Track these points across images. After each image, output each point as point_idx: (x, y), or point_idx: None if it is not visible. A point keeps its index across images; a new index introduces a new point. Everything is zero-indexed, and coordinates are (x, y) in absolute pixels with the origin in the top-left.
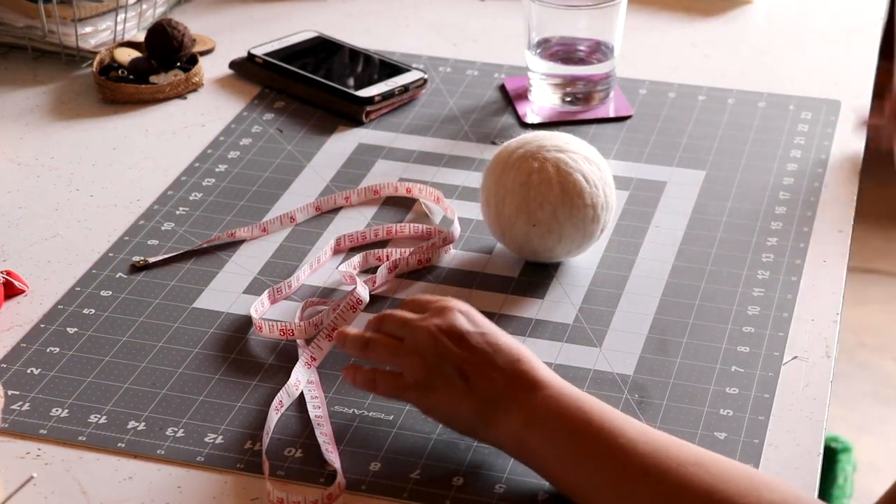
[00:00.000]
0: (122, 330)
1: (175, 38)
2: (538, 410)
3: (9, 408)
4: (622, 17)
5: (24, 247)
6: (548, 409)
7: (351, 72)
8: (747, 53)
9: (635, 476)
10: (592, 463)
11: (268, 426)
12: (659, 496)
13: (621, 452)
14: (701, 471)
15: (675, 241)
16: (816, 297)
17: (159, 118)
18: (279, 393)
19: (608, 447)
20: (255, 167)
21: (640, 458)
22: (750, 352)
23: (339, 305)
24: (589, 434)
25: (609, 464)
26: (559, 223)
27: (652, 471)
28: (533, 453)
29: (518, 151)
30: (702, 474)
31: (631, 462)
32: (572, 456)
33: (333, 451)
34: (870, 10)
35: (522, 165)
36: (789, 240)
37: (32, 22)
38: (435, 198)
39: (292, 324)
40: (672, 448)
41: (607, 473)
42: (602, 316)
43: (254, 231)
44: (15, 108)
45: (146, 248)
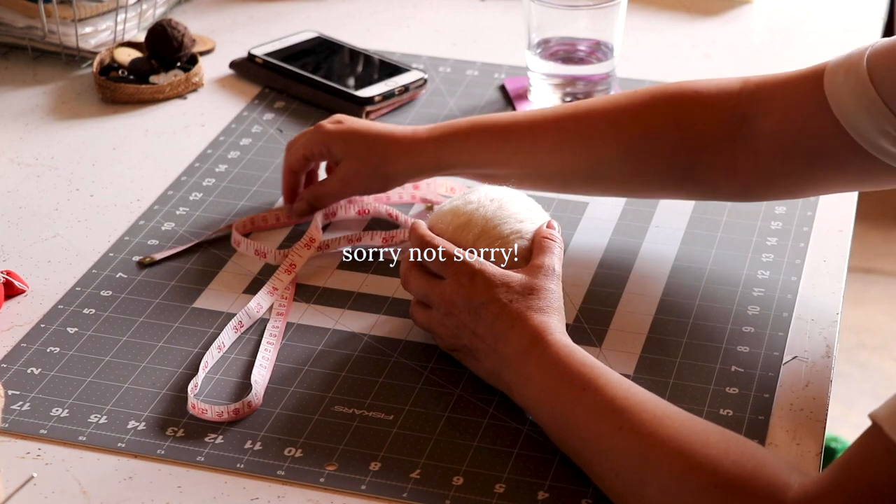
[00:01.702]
0: (122, 330)
1: (175, 39)
2: (534, 370)
3: (9, 408)
4: (622, 17)
5: (24, 247)
6: (542, 367)
7: (351, 72)
8: (747, 53)
9: (611, 429)
10: (579, 418)
11: (220, 341)
12: (632, 445)
13: (602, 406)
14: (675, 423)
15: (675, 241)
16: (816, 297)
17: (159, 118)
18: (238, 314)
19: (593, 402)
20: (255, 167)
21: (618, 413)
22: (750, 351)
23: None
24: (577, 390)
25: (591, 417)
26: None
27: (626, 424)
28: (528, 407)
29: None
30: (675, 426)
31: (610, 416)
32: (555, 405)
33: (265, 373)
34: (870, 10)
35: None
36: (789, 240)
37: (33, 22)
38: (448, 188)
39: (265, 247)
40: (650, 404)
41: (590, 430)
42: (602, 316)
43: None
44: (15, 108)
45: (146, 248)
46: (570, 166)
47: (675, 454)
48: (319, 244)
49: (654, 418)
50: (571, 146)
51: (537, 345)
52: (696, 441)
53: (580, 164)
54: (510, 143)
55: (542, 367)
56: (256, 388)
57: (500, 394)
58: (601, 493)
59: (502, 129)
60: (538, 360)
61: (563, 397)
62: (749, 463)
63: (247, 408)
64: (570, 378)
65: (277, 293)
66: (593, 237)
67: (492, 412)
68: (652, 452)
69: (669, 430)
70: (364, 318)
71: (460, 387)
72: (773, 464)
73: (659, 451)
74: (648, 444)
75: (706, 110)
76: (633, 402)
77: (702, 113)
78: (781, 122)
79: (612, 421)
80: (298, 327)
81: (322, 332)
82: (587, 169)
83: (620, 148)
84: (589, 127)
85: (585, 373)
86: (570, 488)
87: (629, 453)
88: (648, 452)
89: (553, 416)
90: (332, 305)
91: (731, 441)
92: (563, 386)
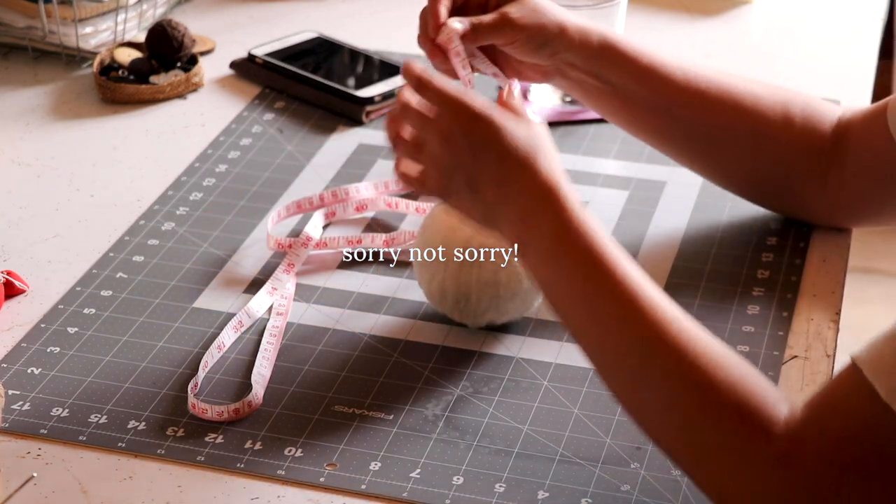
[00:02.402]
0: (123, 330)
1: (175, 39)
2: (545, 226)
3: (9, 407)
4: (622, 17)
5: (25, 247)
6: (553, 226)
7: (351, 72)
8: (747, 53)
9: (617, 317)
10: (580, 294)
11: (220, 341)
12: (635, 343)
13: (610, 289)
14: (678, 331)
15: (675, 241)
16: (816, 297)
17: (159, 118)
18: (238, 314)
19: (603, 281)
20: (256, 167)
21: (626, 302)
22: (750, 351)
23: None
24: (580, 264)
25: (596, 302)
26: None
27: (631, 318)
28: (529, 266)
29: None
30: (678, 335)
31: (617, 301)
32: (559, 278)
33: (265, 373)
34: (870, 10)
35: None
36: (789, 239)
37: (33, 22)
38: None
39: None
40: (657, 301)
41: (596, 313)
42: None
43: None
44: (15, 108)
45: (147, 248)
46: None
47: (674, 364)
48: (317, 242)
49: (661, 319)
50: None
51: (550, 199)
52: (697, 356)
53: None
54: (660, 80)
55: (554, 225)
56: (256, 387)
57: (500, 393)
58: (601, 494)
59: (647, 78)
60: (551, 217)
61: (571, 267)
62: (744, 388)
63: (247, 407)
64: (582, 248)
65: (277, 292)
66: None
67: (492, 412)
68: (653, 356)
69: (673, 336)
70: (364, 318)
71: (460, 387)
72: (765, 392)
73: (660, 358)
74: (651, 345)
75: (819, 128)
76: (643, 297)
77: (814, 132)
78: (861, 153)
79: (619, 309)
80: (298, 327)
81: (322, 332)
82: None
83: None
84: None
85: (598, 248)
86: (570, 488)
87: (631, 349)
88: (649, 355)
89: (556, 283)
90: (332, 305)
91: (730, 362)
92: (573, 254)
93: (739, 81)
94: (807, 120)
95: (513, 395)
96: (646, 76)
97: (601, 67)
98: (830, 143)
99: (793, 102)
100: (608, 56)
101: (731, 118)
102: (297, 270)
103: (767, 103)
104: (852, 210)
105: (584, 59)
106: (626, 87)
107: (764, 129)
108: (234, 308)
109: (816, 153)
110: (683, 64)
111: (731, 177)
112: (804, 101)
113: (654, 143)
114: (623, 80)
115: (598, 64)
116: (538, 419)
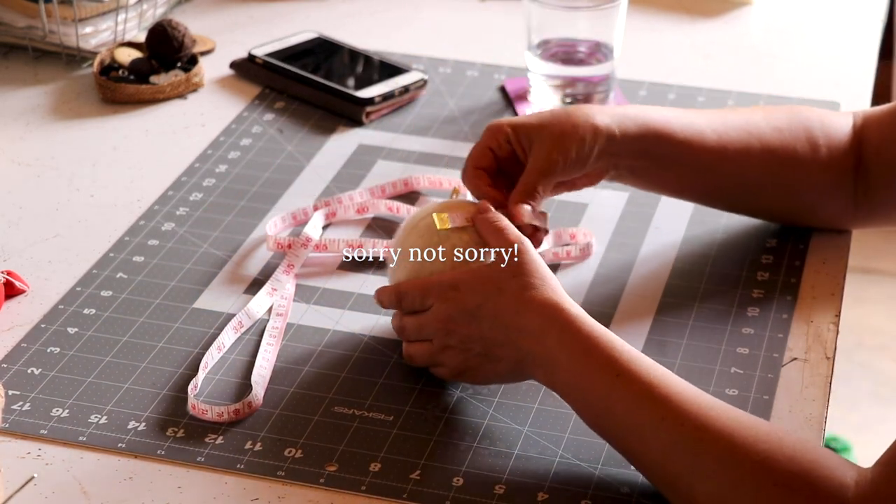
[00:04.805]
0: (123, 330)
1: (175, 39)
2: (558, 353)
3: (9, 408)
4: (622, 19)
5: (25, 247)
6: (567, 350)
7: (351, 72)
8: (747, 54)
9: (653, 420)
10: (616, 406)
11: (220, 341)
12: (679, 441)
13: (641, 395)
14: (721, 416)
15: (675, 241)
16: (816, 299)
17: (159, 118)
18: (238, 314)
19: (630, 390)
20: (256, 167)
21: (659, 402)
22: (749, 353)
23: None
24: (611, 375)
25: (630, 406)
26: None
27: (669, 415)
28: (560, 393)
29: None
30: (721, 419)
31: (651, 405)
32: (594, 398)
33: (265, 373)
34: (870, 10)
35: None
36: (789, 241)
37: (33, 22)
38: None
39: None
40: (689, 393)
41: (631, 419)
42: (602, 316)
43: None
44: (15, 108)
45: (147, 248)
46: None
47: (727, 451)
48: (317, 245)
49: (699, 410)
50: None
51: (554, 323)
52: (747, 436)
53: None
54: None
55: (567, 348)
56: (256, 388)
57: (500, 394)
58: (601, 495)
59: (688, 148)
60: (559, 340)
61: (597, 384)
62: (804, 459)
63: (247, 408)
64: (600, 362)
65: (277, 293)
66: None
67: (492, 413)
68: (702, 447)
69: (717, 424)
70: (364, 319)
71: (460, 387)
72: (827, 459)
73: (710, 447)
74: (697, 437)
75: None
76: (674, 392)
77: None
78: (881, 159)
79: (654, 411)
80: (298, 327)
81: (322, 332)
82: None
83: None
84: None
85: (615, 356)
86: (570, 489)
87: (676, 447)
88: (698, 447)
89: (587, 402)
90: (332, 306)
91: (781, 435)
92: (594, 371)
93: (761, 121)
94: (829, 139)
95: (513, 397)
96: (685, 147)
97: (647, 149)
98: (853, 155)
99: (811, 123)
100: (648, 138)
101: (767, 163)
102: (297, 271)
103: (792, 135)
104: (880, 214)
105: (630, 149)
106: (674, 162)
107: (795, 162)
108: (234, 309)
109: (843, 169)
110: (711, 120)
111: (774, 211)
112: (819, 119)
113: (705, 203)
114: (668, 156)
115: (642, 147)
116: (538, 420)
